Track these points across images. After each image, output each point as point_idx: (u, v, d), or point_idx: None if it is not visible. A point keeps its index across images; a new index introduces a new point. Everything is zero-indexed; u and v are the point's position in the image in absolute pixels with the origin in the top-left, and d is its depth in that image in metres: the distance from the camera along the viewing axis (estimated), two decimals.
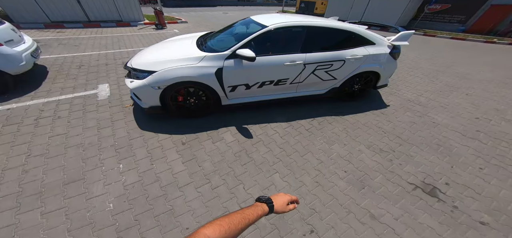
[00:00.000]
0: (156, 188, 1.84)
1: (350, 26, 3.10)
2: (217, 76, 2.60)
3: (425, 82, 4.60)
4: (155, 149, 2.29)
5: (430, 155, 2.50)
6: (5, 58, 3.16)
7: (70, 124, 2.60)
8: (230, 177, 2.01)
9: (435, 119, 3.23)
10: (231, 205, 1.75)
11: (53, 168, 1.99)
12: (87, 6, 9.07)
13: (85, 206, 1.67)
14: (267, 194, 1.80)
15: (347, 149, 2.50)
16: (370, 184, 2.04)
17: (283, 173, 2.11)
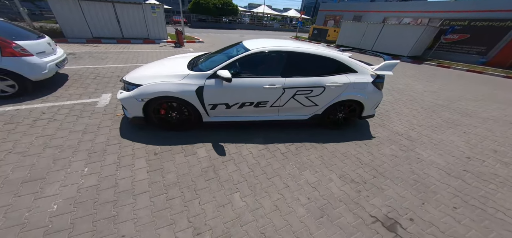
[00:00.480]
0: (110, 193, 1.91)
1: (332, 53, 3.16)
2: (198, 94, 2.77)
3: (422, 116, 4.42)
4: (127, 156, 2.42)
5: (403, 189, 2.35)
6: (30, 67, 3.65)
7: (60, 127, 2.87)
8: (189, 191, 2.04)
9: (420, 154, 3.06)
10: (180, 218, 1.76)
11: (23, 166, 2.16)
12: (124, 25, 10.34)
13: (29, 206, 1.73)
14: (222, 212, 1.81)
15: (318, 176, 2.44)
16: (330, 213, 1.95)
17: (245, 193, 2.10)
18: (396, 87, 6.36)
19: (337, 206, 2.04)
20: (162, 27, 11.21)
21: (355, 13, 23.02)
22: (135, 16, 10.27)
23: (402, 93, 5.88)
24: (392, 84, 6.60)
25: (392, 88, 6.20)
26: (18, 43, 3.59)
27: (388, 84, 6.58)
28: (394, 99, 5.30)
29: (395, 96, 5.55)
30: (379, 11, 19.91)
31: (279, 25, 39.67)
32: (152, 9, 10.45)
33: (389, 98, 5.32)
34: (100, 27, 9.83)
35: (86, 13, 9.27)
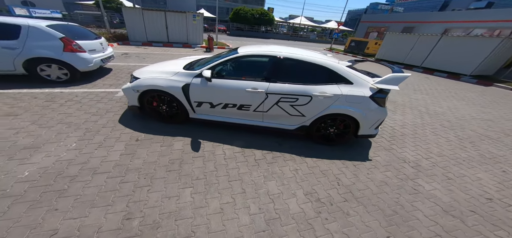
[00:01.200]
0: (76, 169, 2.14)
1: (325, 60, 2.87)
2: (184, 91, 2.94)
3: (450, 146, 3.55)
4: (112, 138, 2.72)
5: (373, 219, 1.96)
6: (81, 60, 4.55)
7: (80, 108, 3.44)
8: (145, 178, 2.15)
9: (421, 186, 2.48)
10: (120, 202, 1.85)
11: (33, 135, 2.62)
12: (170, 31, 11.89)
13: (8, 170, 2.00)
14: (164, 203, 1.85)
15: (282, 189, 2.24)
16: (274, 229, 1.75)
17: (198, 190, 2.09)
18: (433, 110, 5.31)
19: (286, 223, 1.83)
20: (199, 34, 12.37)
21: (406, 24, 20.43)
22: (179, 23, 11.66)
23: (437, 117, 4.87)
24: (428, 106, 5.54)
25: (427, 111, 5.20)
26: (77, 42, 4.55)
27: (423, 105, 5.56)
28: (422, 123, 4.43)
29: (425, 119, 4.64)
30: (441, 22, 17.07)
31: (316, 37, 38.49)
32: (193, 17, 11.67)
33: (415, 120, 4.48)
34: (153, 32, 11.51)
35: (146, 21, 11.02)
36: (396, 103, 5.52)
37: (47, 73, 4.40)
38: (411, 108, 5.24)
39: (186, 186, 2.12)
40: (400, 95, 6.29)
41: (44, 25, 4.19)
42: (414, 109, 5.24)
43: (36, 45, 4.07)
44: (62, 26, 4.69)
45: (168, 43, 11.73)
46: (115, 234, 1.57)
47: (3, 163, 2.14)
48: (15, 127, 2.75)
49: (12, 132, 2.62)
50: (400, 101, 5.71)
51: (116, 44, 10.24)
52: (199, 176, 2.27)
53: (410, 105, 5.53)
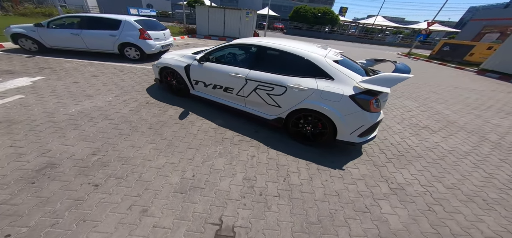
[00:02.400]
0: (97, 113, 2.98)
1: (307, 52, 2.59)
2: (186, 70, 3.45)
3: (477, 182, 2.31)
4: (133, 99, 3.55)
5: (290, 221, 1.67)
6: (147, 45, 6.04)
7: (131, 77, 4.63)
8: (130, 129, 2.73)
9: (378, 207, 1.84)
10: (100, 141, 2.40)
11: (96, 89, 3.80)
12: (227, 27, 13.39)
13: (67, 105, 3.09)
14: (126, 150, 2.31)
15: (227, 167, 2.26)
16: (191, 195, 1.86)
17: (158, 147, 2.43)
18: (507, 141, 3.48)
19: (205, 195, 1.88)
20: (250, 30, 13.08)
21: None
22: (234, 19, 12.79)
23: (500, 149, 3.18)
24: (500, 134, 3.67)
25: (493, 140, 3.48)
26: (148, 32, 6.09)
27: (492, 132, 3.74)
28: (468, 152, 3.05)
29: (478, 150, 3.16)
30: None
31: (399, 40, 31.16)
32: (246, 14, 12.48)
33: (459, 147, 3.15)
34: (214, 28, 13.28)
35: (210, 17, 12.87)
36: (455, 124, 4.01)
37: (129, 54, 6.14)
38: (470, 133, 3.67)
39: (151, 142, 2.54)
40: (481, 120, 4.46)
41: (133, 20, 5.83)
42: (474, 134, 3.65)
43: (126, 34, 5.75)
44: (143, 21, 6.27)
45: (223, 36, 13.14)
46: (75, 162, 2.07)
47: (68, 100, 3.31)
48: (91, 82, 4.16)
49: (87, 86, 3.99)
50: (466, 126, 4.08)
51: (186, 36, 12.53)
52: (167, 137, 2.67)
53: (472, 130, 3.89)
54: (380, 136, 3.27)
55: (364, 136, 2.47)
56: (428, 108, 4.72)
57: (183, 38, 11.86)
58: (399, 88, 6.16)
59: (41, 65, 4.89)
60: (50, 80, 4.06)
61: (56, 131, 2.56)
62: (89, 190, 1.77)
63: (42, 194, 1.71)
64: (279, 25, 30.53)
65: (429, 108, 4.72)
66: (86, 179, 1.89)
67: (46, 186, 1.79)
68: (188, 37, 12.58)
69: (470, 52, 14.47)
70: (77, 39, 5.66)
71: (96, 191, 1.77)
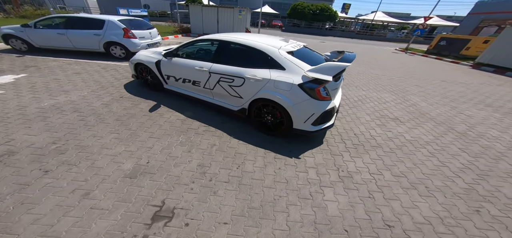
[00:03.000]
0: (69, 107, 3.14)
1: (262, 44, 2.69)
2: (157, 66, 3.55)
3: (428, 170, 2.34)
4: (107, 94, 3.68)
5: (231, 205, 1.76)
6: (132, 43, 6.11)
7: (113, 74, 4.75)
8: (96, 121, 2.84)
9: (322, 194, 1.91)
10: (63, 131, 2.54)
11: (74, 85, 3.96)
12: (220, 25, 13.46)
13: (41, 100, 3.25)
14: (87, 139, 2.42)
15: (184, 155, 2.34)
16: (140, 180, 1.95)
17: (120, 136, 2.52)
18: (475, 132, 3.49)
19: (155, 180, 1.95)
20: (240, 27, 13.13)
21: None
22: (228, 17, 12.85)
23: (469, 138, 3.20)
24: (475, 127, 3.67)
25: (464, 131, 3.50)
26: (132, 31, 6.19)
27: (462, 122, 3.74)
28: (438, 140, 3.08)
29: (447, 138, 3.18)
30: None
31: (401, 35, 30.80)
32: (239, 12, 12.53)
33: (427, 138, 3.17)
34: (207, 26, 13.37)
35: (203, 16, 12.96)
36: (426, 116, 4.04)
37: (114, 52, 6.25)
38: (438, 124, 3.69)
39: (114, 132, 2.62)
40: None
41: (116, 19, 5.94)
42: (442, 125, 3.68)
43: (110, 33, 5.87)
44: (128, 20, 6.36)
45: None
46: (33, 150, 2.17)
47: (43, 95, 3.42)
48: (71, 79, 4.27)
49: (66, 82, 4.11)
50: (437, 117, 4.10)
51: (180, 35, 12.64)
52: (131, 128, 2.75)
53: (442, 121, 3.91)
54: (346, 126, 3.32)
55: (318, 124, 2.53)
56: (405, 100, 4.73)
57: (177, 37, 11.96)
58: (381, 82, 6.17)
59: (28, 64, 5.04)
60: (32, 77, 4.20)
61: (24, 122, 2.67)
62: (38, 176, 1.87)
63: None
64: (278, 23, 30.44)
65: (406, 100, 4.73)
66: (38, 165, 1.99)
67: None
68: (182, 36, 12.67)
69: (467, 46, 14.32)
70: (64, 38, 5.79)
71: (44, 176, 1.87)
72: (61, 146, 2.30)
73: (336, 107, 2.64)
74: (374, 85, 5.74)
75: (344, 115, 3.70)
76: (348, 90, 5.12)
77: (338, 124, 3.39)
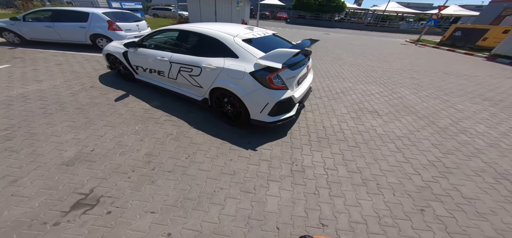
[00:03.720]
0: (36, 96, 3.20)
1: (218, 32, 2.59)
2: (124, 56, 3.52)
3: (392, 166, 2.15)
4: (79, 83, 3.72)
5: (165, 194, 1.72)
6: (117, 36, 6.07)
7: (94, 65, 4.82)
8: (57, 109, 2.86)
9: (266, 188, 1.81)
10: (20, 123, 2.63)
11: (51, 74, 4.02)
12: (218, 17, 13.32)
13: (12, 88, 3.32)
14: (40, 126, 2.42)
15: (135, 143, 2.30)
16: (79, 166, 1.95)
17: (74, 124, 2.53)
18: (458, 127, 3.19)
19: (93, 168, 1.94)
20: (241, 19, 12.93)
21: None
22: (226, 9, 12.69)
23: (449, 134, 2.93)
24: (462, 123, 3.35)
25: (447, 126, 3.20)
26: (117, 24, 6.20)
27: (448, 119, 3.43)
28: (409, 135, 2.85)
29: (424, 133, 2.94)
30: None
31: (419, 26, 29.08)
32: (237, 3, 12.30)
33: (401, 132, 2.93)
34: (205, 17, 13.27)
35: (201, 8, 12.86)
36: (409, 109, 3.77)
37: (101, 44, 6.30)
38: (419, 118, 3.43)
39: (69, 120, 2.62)
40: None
41: (101, 12, 5.97)
42: (423, 119, 3.41)
43: (95, 25, 5.91)
44: (114, 13, 6.35)
45: None
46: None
47: (16, 84, 3.50)
48: (50, 70, 4.36)
49: (43, 72, 4.19)
50: (421, 111, 3.82)
51: None
52: (89, 117, 2.73)
53: (425, 115, 3.64)
54: (317, 119, 3.15)
55: (274, 114, 2.40)
56: (392, 93, 4.44)
57: None
58: (373, 74, 5.84)
59: (16, 56, 5.19)
60: (14, 68, 4.31)
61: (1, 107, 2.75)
62: None
63: None
64: (283, 15, 29.63)
65: (393, 93, 4.44)
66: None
67: None
68: None
69: (484, 37, 13.34)
70: (51, 31, 5.91)
71: None
72: (11, 132, 2.33)
73: (296, 98, 2.50)
74: (364, 77, 5.44)
75: (320, 107, 3.53)
76: (334, 82, 4.89)
77: (310, 116, 3.24)
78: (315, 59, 7.36)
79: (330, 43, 12.05)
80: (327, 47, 10.28)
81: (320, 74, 5.48)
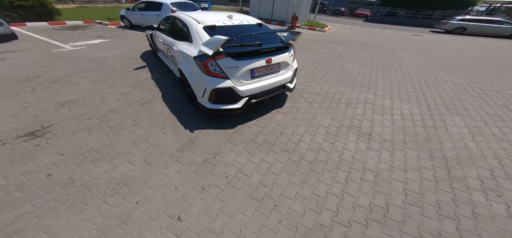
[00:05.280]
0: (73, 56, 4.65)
1: (188, 18, 2.80)
2: (151, 37, 4.41)
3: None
4: (126, 56, 5.05)
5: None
6: None
7: (130, 44, 6.35)
8: (94, 65, 4.10)
9: (167, 170, 1.79)
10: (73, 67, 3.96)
11: (119, 44, 5.69)
12: (275, 10, 13.31)
13: (84, 54, 5.01)
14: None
15: (115, 100, 2.98)
16: (77, 103, 2.83)
17: (94, 80, 3.63)
18: None
19: (83, 106, 2.77)
20: (300, 12, 12.10)
21: None
22: (283, 2, 12.43)
23: None
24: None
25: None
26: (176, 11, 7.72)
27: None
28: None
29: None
30: None
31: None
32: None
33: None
34: (263, 11, 13.55)
35: (261, 1, 13.28)
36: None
37: None
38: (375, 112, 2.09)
39: (94, 77, 3.67)
40: None
41: (169, 2, 7.66)
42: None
43: (164, 13, 7.63)
44: (178, 3, 7.90)
45: (269, 20, 13.16)
46: (49, 77, 3.67)
47: (98, 51, 5.27)
48: (125, 44, 6.15)
49: (121, 45, 5.99)
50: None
51: None
52: (107, 76, 3.72)
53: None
54: (283, 123, 2.73)
55: (215, 102, 2.35)
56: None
57: None
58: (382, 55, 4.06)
59: (119, 34, 7.63)
60: (110, 41, 6.39)
61: (64, 61, 4.37)
62: None
63: None
64: (364, 12, 23.60)
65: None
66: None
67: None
68: None
69: None
70: (143, 18, 8.16)
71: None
72: (70, 77, 3.66)
73: (241, 91, 2.32)
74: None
75: (300, 112, 3.00)
76: (340, 86, 3.88)
77: (279, 117, 2.84)
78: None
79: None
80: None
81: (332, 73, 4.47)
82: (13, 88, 3.16)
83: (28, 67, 3.95)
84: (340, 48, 7.51)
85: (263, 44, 2.47)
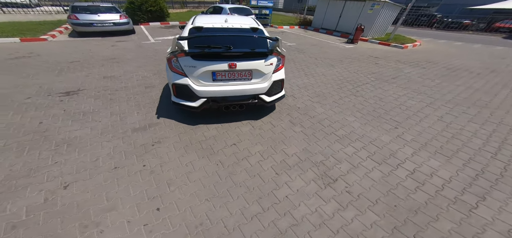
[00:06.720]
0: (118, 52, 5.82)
1: (190, 20, 3.06)
2: None
3: None
4: (164, 46, 6.06)
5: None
6: None
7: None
8: (134, 54, 5.15)
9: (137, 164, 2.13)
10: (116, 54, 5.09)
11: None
12: (342, 20, 12.11)
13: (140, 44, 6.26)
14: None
15: (128, 79, 3.77)
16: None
17: (139, 61, 4.60)
18: None
19: (93, 77, 3.67)
20: (371, 25, 10.35)
21: None
22: (353, 12, 10.96)
23: None
24: None
25: None
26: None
27: None
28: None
29: None
30: None
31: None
32: (371, 6, 10.09)
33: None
34: (328, 20, 12.51)
35: (328, 9, 12.36)
36: None
37: None
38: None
39: (137, 62, 4.74)
40: None
41: (227, 7, 8.58)
42: None
43: None
44: (233, 8, 8.81)
45: (331, 30, 11.96)
46: (102, 58, 4.91)
47: (144, 41, 6.65)
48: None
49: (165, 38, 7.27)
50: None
51: (297, 27, 13.39)
52: (137, 58, 4.71)
53: None
54: (255, 131, 2.54)
55: (178, 97, 2.52)
56: None
57: (292, 28, 13.02)
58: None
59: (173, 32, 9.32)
60: (161, 36, 7.92)
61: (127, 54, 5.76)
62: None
63: None
64: (505, 24, 14.91)
65: None
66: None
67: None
68: (299, 28, 13.35)
69: None
70: None
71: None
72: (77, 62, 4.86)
73: (196, 90, 2.37)
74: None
75: (277, 125, 2.67)
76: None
77: (256, 124, 2.66)
78: None
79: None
80: None
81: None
82: (97, 63, 4.57)
83: (119, 52, 5.51)
84: (405, 69, 5.73)
85: (237, 48, 2.39)
